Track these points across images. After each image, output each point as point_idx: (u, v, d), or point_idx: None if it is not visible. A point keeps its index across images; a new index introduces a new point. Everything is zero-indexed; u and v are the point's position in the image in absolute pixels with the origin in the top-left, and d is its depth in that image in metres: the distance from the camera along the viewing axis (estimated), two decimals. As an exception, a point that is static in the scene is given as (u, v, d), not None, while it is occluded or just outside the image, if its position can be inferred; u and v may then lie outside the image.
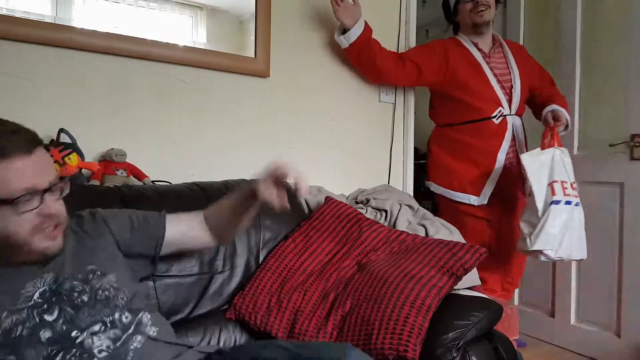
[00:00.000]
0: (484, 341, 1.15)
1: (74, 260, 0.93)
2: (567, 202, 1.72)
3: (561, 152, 1.79)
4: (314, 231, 1.39)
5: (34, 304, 0.85)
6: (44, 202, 0.82)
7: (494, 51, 1.98)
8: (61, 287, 0.89)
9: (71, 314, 0.87)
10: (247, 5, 1.68)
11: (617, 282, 2.04)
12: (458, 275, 1.17)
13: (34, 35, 1.28)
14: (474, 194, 1.94)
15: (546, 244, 1.70)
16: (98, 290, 0.92)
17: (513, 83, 1.94)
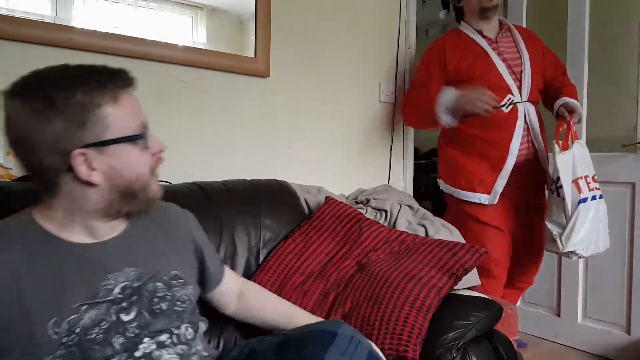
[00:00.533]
0: (484, 341, 1.15)
1: (159, 258, 0.87)
2: (593, 198, 1.69)
3: (581, 146, 1.74)
4: (314, 231, 1.39)
5: (114, 299, 0.77)
6: (153, 137, 0.81)
7: (501, 36, 1.87)
8: (145, 286, 0.81)
9: (147, 320, 0.80)
10: (247, 5, 1.68)
11: (628, 279, 2.04)
12: (458, 275, 1.17)
13: (34, 35, 1.28)
14: (484, 192, 1.83)
15: (579, 244, 1.66)
16: (177, 300, 0.85)
17: (523, 67, 1.81)
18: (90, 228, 0.78)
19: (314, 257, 1.32)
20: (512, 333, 1.51)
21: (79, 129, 0.71)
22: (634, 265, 2.03)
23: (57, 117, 0.70)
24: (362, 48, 2.04)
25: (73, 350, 0.72)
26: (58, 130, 0.70)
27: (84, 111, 0.71)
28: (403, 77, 2.17)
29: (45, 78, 0.73)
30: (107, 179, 0.74)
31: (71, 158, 0.71)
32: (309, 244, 1.35)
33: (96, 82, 0.73)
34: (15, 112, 0.71)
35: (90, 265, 0.77)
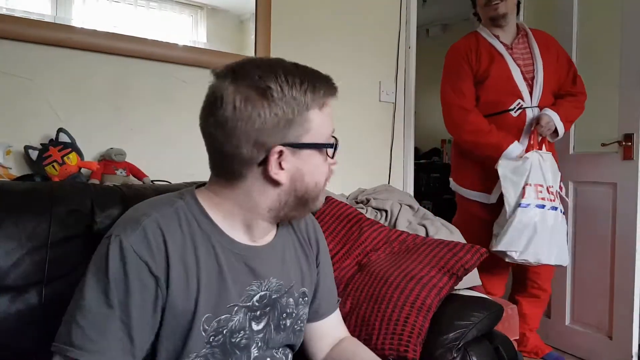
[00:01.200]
0: (485, 341, 1.15)
1: (297, 271, 0.84)
2: (540, 206, 1.72)
3: (540, 156, 1.79)
4: (314, 231, 1.39)
5: (251, 305, 0.75)
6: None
7: (517, 42, 1.90)
8: (280, 300, 0.79)
9: (271, 333, 0.78)
10: (247, 5, 1.68)
11: (610, 283, 2.02)
12: (458, 275, 1.16)
13: (34, 35, 1.28)
14: (485, 191, 1.89)
15: (509, 245, 1.71)
16: (299, 319, 0.84)
17: (535, 74, 1.86)
18: (249, 227, 0.77)
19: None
20: (513, 333, 1.51)
21: (285, 125, 0.69)
22: (615, 268, 2.00)
23: (268, 109, 0.68)
24: (362, 48, 2.03)
25: (216, 350, 0.71)
26: (266, 122, 0.68)
27: (294, 109, 0.69)
28: (403, 77, 2.17)
29: (262, 68, 0.71)
30: (291, 181, 0.73)
31: (270, 152, 0.69)
32: (309, 244, 1.35)
33: (312, 84, 0.71)
34: (226, 95, 0.69)
35: (243, 267, 0.75)
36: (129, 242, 0.66)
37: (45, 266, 0.92)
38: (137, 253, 0.66)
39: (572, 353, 2.16)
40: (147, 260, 0.66)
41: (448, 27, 4.55)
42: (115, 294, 0.65)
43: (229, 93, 0.69)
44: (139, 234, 0.67)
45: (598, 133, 2.05)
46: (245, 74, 0.70)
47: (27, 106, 1.30)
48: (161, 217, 0.69)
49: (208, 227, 0.73)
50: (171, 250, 0.68)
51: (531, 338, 2.03)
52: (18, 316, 0.88)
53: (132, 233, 0.67)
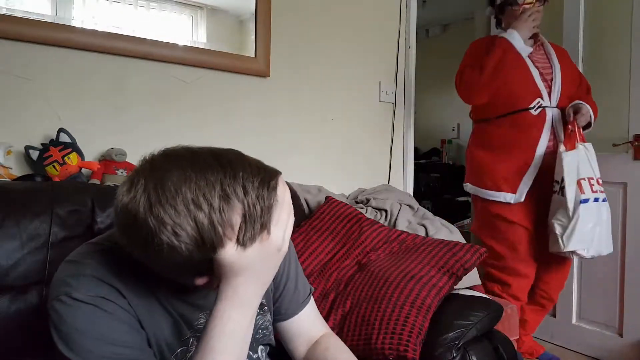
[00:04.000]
0: (485, 341, 1.15)
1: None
2: (595, 199, 1.70)
3: (585, 148, 1.76)
4: (314, 231, 1.39)
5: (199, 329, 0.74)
6: None
7: (536, 49, 1.91)
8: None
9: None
10: (247, 5, 1.69)
11: (620, 281, 2.04)
12: (458, 275, 1.17)
13: (34, 35, 1.28)
14: (510, 191, 1.83)
15: (580, 243, 1.68)
16: (259, 329, 0.83)
17: (554, 76, 1.85)
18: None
19: (314, 257, 1.32)
20: (512, 333, 1.51)
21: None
22: (626, 267, 2.02)
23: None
24: (362, 48, 2.04)
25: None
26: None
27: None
28: (403, 77, 2.17)
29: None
30: None
31: None
32: (309, 244, 1.35)
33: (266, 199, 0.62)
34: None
35: (184, 304, 0.73)
36: (82, 292, 0.62)
37: (45, 266, 0.92)
38: (97, 296, 0.62)
39: (580, 351, 2.16)
40: (111, 299, 0.63)
41: (448, 27, 4.55)
42: (111, 330, 0.62)
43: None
44: (87, 281, 0.63)
45: (608, 133, 2.05)
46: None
47: (28, 106, 1.30)
48: (99, 265, 0.65)
49: (140, 271, 0.66)
50: (121, 291, 0.65)
51: (526, 341, 2.03)
52: (18, 316, 0.88)
53: (80, 284, 0.62)
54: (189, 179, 0.57)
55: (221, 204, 0.57)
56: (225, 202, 0.57)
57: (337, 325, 1.12)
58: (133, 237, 0.59)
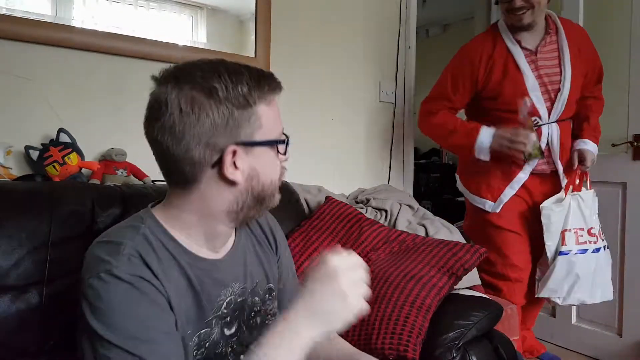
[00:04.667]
0: (484, 341, 1.15)
1: (259, 270, 0.85)
2: (582, 251, 1.66)
3: (580, 198, 1.68)
4: (314, 231, 1.39)
5: (221, 314, 0.76)
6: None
7: (544, 44, 1.65)
8: (246, 301, 0.80)
9: (244, 334, 0.79)
10: (247, 5, 1.69)
11: (619, 281, 2.03)
12: (458, 275, 1.17)
13: (34, 35, 1.28)
14: (490, 198, 1.75)
15: (552, 293, 1.68)
16: (268, 314, 0.84)
17: (561, 86, 1.63)
18: (210, 238, 0.76)
19: (314, 257, 1.32)
20: (513, 333, 1.51)
21: (235, 124, 0.68)
22: (625, 267, 2.01)
23: (215, 109, 0.66)
24: (362, 48, 2.04)
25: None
26: (215, 123, 0.67)
27: (242, 107, 0.68)
28: (403, 77, 2.17)
29: (204, 69, 0.69)
30: (247, 180, 0.71)
31: (224, 153, 0.68)
32: (309, 244, 1.35)
33: (256, 80, 0.70)
34: (171, 99, 0.67)
35: (210, 280, 0.75)
36: (121, 269, 0.63)
37: (45, 266, 0.92)
38: (134, 275, 0.64)
39: (579, 352, 2.16)
40: (147, 279, 0.65)
41: (448, 27, 4.55)
42: (146, 311, 0.63)
43: (173, 97, 0.67)
44: (126, 261, 0.64)
45: (608, 133, 2.04)
46: (187, 77, 0.68)
47: (28, 106, 1.30)
48: (136, 244, 0.67)
49: (174, 249, 0.71)
50: (155, 271, 0.66)
51: (528, 337, 2.01)
52: (18, 316, 0.88)
53: (118, 262, 0.64)
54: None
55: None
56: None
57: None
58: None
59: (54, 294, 0.91)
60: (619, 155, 2.03)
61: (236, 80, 0.68)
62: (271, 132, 0.73)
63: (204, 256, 0.75)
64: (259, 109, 0.70)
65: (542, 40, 1.66)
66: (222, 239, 0.78)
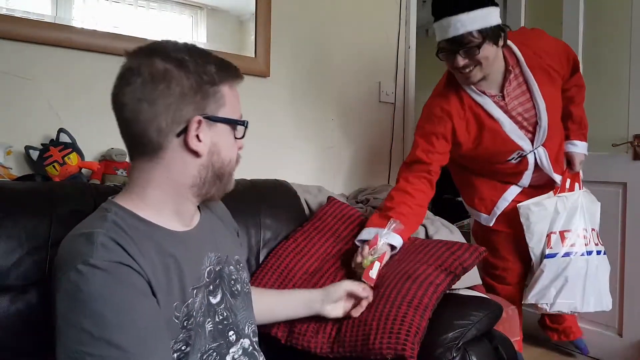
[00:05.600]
0: (484, 341, 1.15)
1: (226, 243, 0.91)
2: (568, 254, 1.60)
3: (565, 198, 1.63)
4: (316, 231, 1.39)
5: (205, 283, 0.79)
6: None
7: (508, 84, 1.49)
8: (223, 270, 0.85)
9: (230, 301, 0.84)
10: (247, 5, 1.69)
11: (619, 281, 2.03)
12: (456, 273, 1.16)
13: (34, 35, 1.28)
14: (484, 211, 1.73)
15: (539, 298, 1.61)
16: (244, 282, 0.91)
17: (538, 119, 1.52)
18: (178, 213, 0.79)
19: (315, 257, 1.32)
20: (514, 334, 1.51)
21: (202, 97, 0.73)
22: (626, 267, 2.01)
23: (186, 80, 0.71)
24: (362, 48, 2.04)
25: (192, 333, 0.74)
26: (183, 92, 0.71)
27: (210, 82, 0.74)
28: (403, 77, 2.17)
29: (176, 46, 0.75)
30: (208, 153, 0.76)
31: (189, 122, 0.72)
32: (310, 244, 1.35)
33: (221, 64, 0.76)
34: (143, 66, 0.72)
35: (190, 251, 0.78)
36: (98, 257, 0.64)
37: (45, 266, 0.92)
38: (112, 261, 0.65)
39: (580, 352, 2.16)
40: (126, 263, 0.66)
41: (448, 27, 4.55)
42: (127, 298, 0.64)
43: (146, 65, 0.72)
44: (101, 249, 0.65)
45: (608, 133, 2.05)
46: (160, 50, 0.73)
47: (28, 106, 1.30)
48: (107, 230, 0.68)
49: (146, 227, 0.73)
50: (132, 254, 0.68)
51: (567, 319, 1.94)
52: (18, 316, 0.88)
53: (94, 251, 0.65)
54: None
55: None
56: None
57: (335, 326, 1.12)
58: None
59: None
60: (619, 155, 2.03)
61: (205, 59, 0.75)
62: (232, 114, 0.78)
63: (176, 229, 0.78)
64: (224, 89, 0.76)
65: (505, 80, 1.49)
66: (190, 214, 0.82)
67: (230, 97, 0.77)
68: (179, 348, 0.72)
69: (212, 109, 0.75)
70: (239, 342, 0.83)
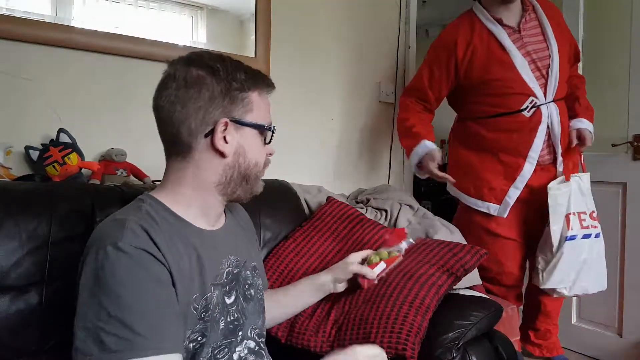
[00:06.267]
0: (484, 341, 1.15)
1: (246, 249, 0.95)
2: (586, 236, 1.59)
3: (580, 180, 1.63)
4: (315, 231, 1.39)
5: (222, 282, 0.84)
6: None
7: (525, 21, 1.56)
8: (240, 274, 0.89)
9: (242, 304, 0.87)
10: (247, 5, 1.69)
11: (619, 281, 2.03)
12: (458, 275, 1.16)
13: (34, 35, 1.28)
14: (494, 202, 1.65)
15: (559, 282, 1.58)
16: (258, 289, 0.94)
17: (551, 61, 1.54)
18: (206, 212, 0.84)
19: (315, 257, 1.32)
20: (513, 333, 1.50)
21: (230, 101, 0.79)
22: (626, 267, 2.01)
23: (216, 85, 0.78)
24: (362, 48, 2.04)
25: (207, 325, 0.78)
26: (213, 96, 0.77)
27: (239, 89, 0.79)
28: (403, 77, 2.17)
29: (211, 56, 0.81)
30: (234, 155, 0.81)
31: (216, 124, 0.78)
32: (310, 244, 1.35)
33: (252, 73, 0.82)
34: (179, 72, 0.78)
35: (212, 249, 0.83)
36: (125, 242, 0.68)
37: (45, 266, 0.92)
38: (137, 248, 0.69)
39: (580, 352, 2.16)
40: (150, 251, 0.70)
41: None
42: (146, 285, 0.67)
43: (182, 71, 0.78)
44: (129, 234, 0.70)
45: (608, 133, 2.05)
46: (197, 58, 0.80)
47: (28, 106, 1.30)
48: (139, 219, 0.73)
49: (176, 222, 0.79)
50: (158, 243, 0.72)
51: (554, 334, 1.94)
52: (18, 316, 0.88)
53: (123, 236, 0.69)
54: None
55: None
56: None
57: (335, 324, 1.12)
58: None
59: (54, 294, 0.91)
60: (619, 155, 2.03)
61: (236, 67, 0.80)
62: (260, 119, 0.83)
63: (203, 227, 0.83)
64: (252, 95, 0.81)
65: (522, 17, 1.59)
66: (216, 214, 0.87)
67: (259, 104, 0.82)
68: (195, 338, 0.76)
69: (240, 113, 0.80)
70: (244, 343, 0.87)
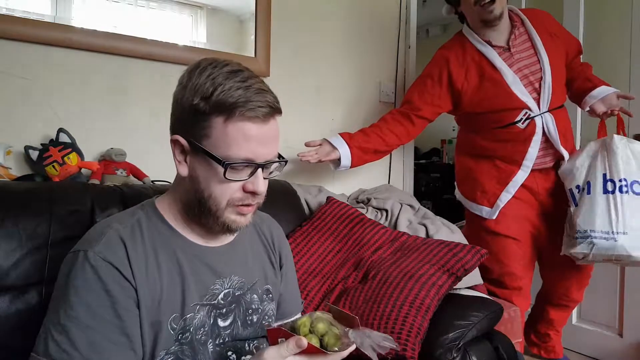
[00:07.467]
0: (485, 341, 1.15)
1: (259, 270, 0.87)
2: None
3: (628, 143, 1.60)
4: (315, 231, 1.39)
5: (214, 304, 0.78)
6: (254, 177, 0.73)
7: (515, 37, 1.62)
8: (244, 296, 0.83)
9: (239, 329, 0.81)
10: (247, 5, 1.68)
11: (620, 281, 2.04)
12: (458, 275, 1.17)
13: (33, 35, 1.28)
14: (486, 204, 1.71)
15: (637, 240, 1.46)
16: (265, 315, 0.86)
17: (543, 74, 1.59)
18: (195, 228, 0.79)
19: (315, 257, 1.32)
20: (516, 335, 1.50)
21: (191, 120, 0.73)
22: (626, 267, 2.01)
23: (191, 99, 0.72)
24: (362, 48, 2.03)
25: (185, 347, 0.74)
26: (184, 109, 0.74)
27: (202, 109, 0.71)
28: (403, 77, 2.17)
29: (215, 66, 0.74)
30: (189, 178, 0.75)
31: (173, 138, 0.76)
32: (310, 244, 1.35)
33: (232, 97, 0.70)
34: (181, 80, 0.77)
35: (203, 267, 0.78)
36: (96, 252, 0.69)
37: (45, 266, 0.92)
38: (105, 260, 0.68)
39: (580, 352, 2.16)
40: (117, 266, 0.69)
41: (448, 27, 4.55)
42: (98, 301, 0.67)
43: (185, 77, 0.76)
44: (104, 244, 0.70)
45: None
46: (202, 65, 0.75)
47: (27, 106, 1.30)
48: (122, 228, 0.73)
49: (167, 233, 0.76)
50: (132, 257, 0.70)
51: (554, 339, 1.94)
52: (18, 316, 0.88)
53: (97, 244, 0.70)
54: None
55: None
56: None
57: (337, 325, 1.12)
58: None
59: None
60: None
61: (216, 85, 0.71)
62: (220, 149, 0.71)
63: (197, 242, 0.79)
64: (214, 120, 0.71)
65: (511, 34, 1.63)
66: (205, 229, 0.79)
67: (224, 132, 0.70)
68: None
69: (196, 136, 0.72)
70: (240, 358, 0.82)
